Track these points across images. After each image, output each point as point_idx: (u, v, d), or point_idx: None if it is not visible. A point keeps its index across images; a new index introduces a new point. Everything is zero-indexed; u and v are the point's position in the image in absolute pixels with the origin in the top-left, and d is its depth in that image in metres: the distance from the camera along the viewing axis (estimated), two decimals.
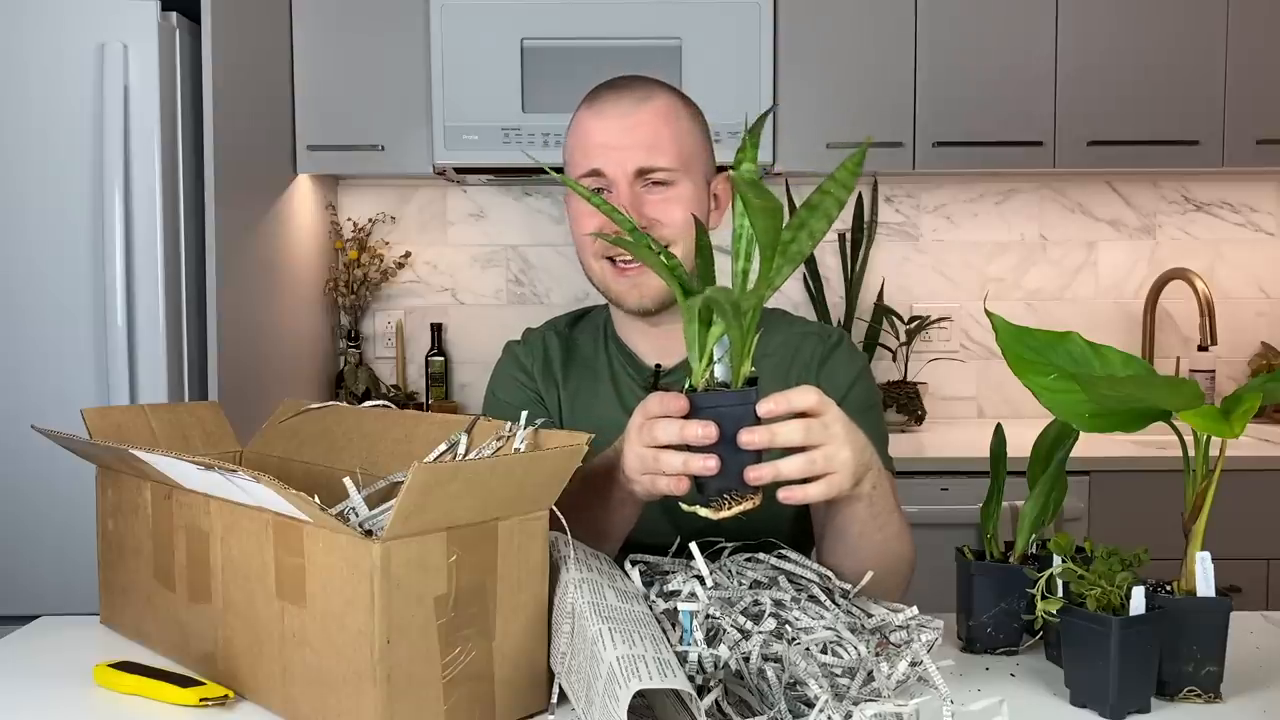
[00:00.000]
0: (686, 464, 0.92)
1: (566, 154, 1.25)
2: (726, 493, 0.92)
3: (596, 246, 1.22)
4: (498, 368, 1.36)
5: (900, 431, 2.64)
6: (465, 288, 2.92)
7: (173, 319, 2.06)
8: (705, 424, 0.91)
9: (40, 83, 2.00)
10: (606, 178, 1.19)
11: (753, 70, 2.46)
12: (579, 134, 1.22)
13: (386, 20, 2.53)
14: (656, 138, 1.19)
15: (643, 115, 1.19)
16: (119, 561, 1.14)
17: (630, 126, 1.18)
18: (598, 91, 1.24)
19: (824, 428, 0.93)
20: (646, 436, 0.95)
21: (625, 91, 1.21)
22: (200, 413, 1.27)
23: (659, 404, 0.95)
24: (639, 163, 1.18)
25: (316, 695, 0.87)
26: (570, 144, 1.24)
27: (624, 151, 1.18)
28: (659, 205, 1.19)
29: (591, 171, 1.19)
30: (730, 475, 0.91)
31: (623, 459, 1.00)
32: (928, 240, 2.90)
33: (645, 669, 0.76)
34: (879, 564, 1.08)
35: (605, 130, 1.19)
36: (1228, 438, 0.88)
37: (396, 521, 0.80)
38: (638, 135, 1.18)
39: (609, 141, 1.19)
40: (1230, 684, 0.96)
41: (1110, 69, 2.53)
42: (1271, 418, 2.75)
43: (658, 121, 1.19)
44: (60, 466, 1.48)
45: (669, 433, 0.93)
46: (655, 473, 0.95)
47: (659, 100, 1.21)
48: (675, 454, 0.94)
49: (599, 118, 1.20)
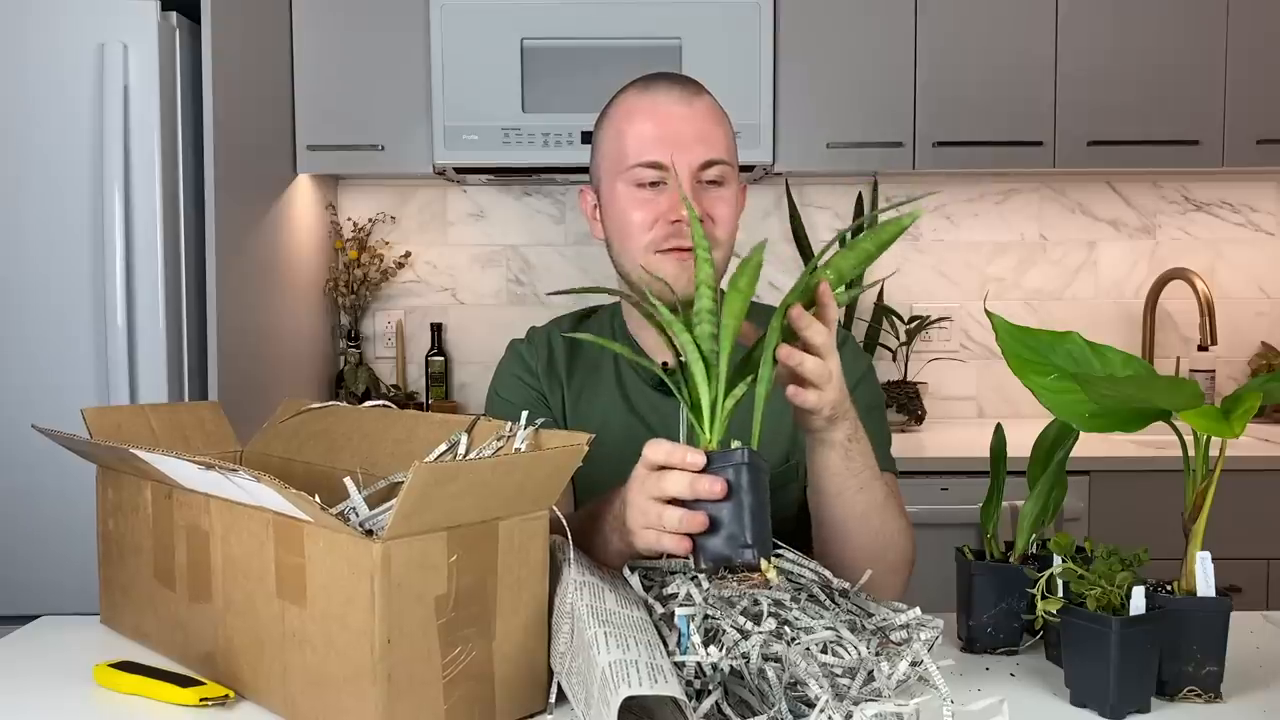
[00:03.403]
0: (682, 521, 0.90)
1: (610, 142, 1.21)
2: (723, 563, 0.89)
3: (654, 236, 1.18)
4: (501, 366, 1.35)
5: (900, 431, 2.64)
6: (465, 288, 2.92)
7: (173, 319, 2.06)
8: (716, 479, 0.89)
9: (40, 83, 2.00)
10: (667, 170, 1.16)
11: (753, 70, 2.46)
12: (634, 123, 1.19)
13: (386, 20, 2.53)
14: (714, 135, 1.18)
15: (699, 110, 1.19)
16: (119, 561, 1.14)
17: (690, 119, 1.17)
18: (648, 83, 1.21)
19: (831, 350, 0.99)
20: (652, 488, 0.93)
21: (678, 87, 1.20)
22: (200, 413, 1.27)
23: (669, 454, 0.92)
24: (704, 156, 1.17)
25: (316, 695, 0.87)
26: (619, 132, 1.20)
27: (689, 146, 1.16)
28: (714, 202, 1.18)
29: (651, 163, 1.17)
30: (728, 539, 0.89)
31: (624, 509, 0.97)
32: (928, 240, 2.90)
33: (636, 674, 0.76)
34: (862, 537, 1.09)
35: (667, 122, 1.17)
36: (1228, 438, 0.88)
37: (397, 521, 0.79)
38: (698, 130, 1.17)
39: (672, 134, 1.17)
40: (1230, 684, 0.96)
41: (1110, 69, 2.53)
42: (1271, 418, 2.75)
43: (712, 119, 1.19)
44: (60, 466, 1.48)
45: (678, 486, 0.91)
46: (657, 529, 0.93)
47: (709, 98, 1.21)
48: (675, 510, 0.91)
49: (657, 110, 1.18)
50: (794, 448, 1.28)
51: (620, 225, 1.20)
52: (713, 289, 0.99)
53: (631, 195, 1.19)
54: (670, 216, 1.16)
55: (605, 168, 1.22)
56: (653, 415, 1.27)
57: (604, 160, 1.23)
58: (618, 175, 1.20)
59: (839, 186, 2.88)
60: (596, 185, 1.26)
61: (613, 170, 1.21)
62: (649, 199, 1.18)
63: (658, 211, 1.17)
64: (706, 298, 0.98)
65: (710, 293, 0.99)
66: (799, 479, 1.29)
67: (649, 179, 1.17)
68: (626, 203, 1.19)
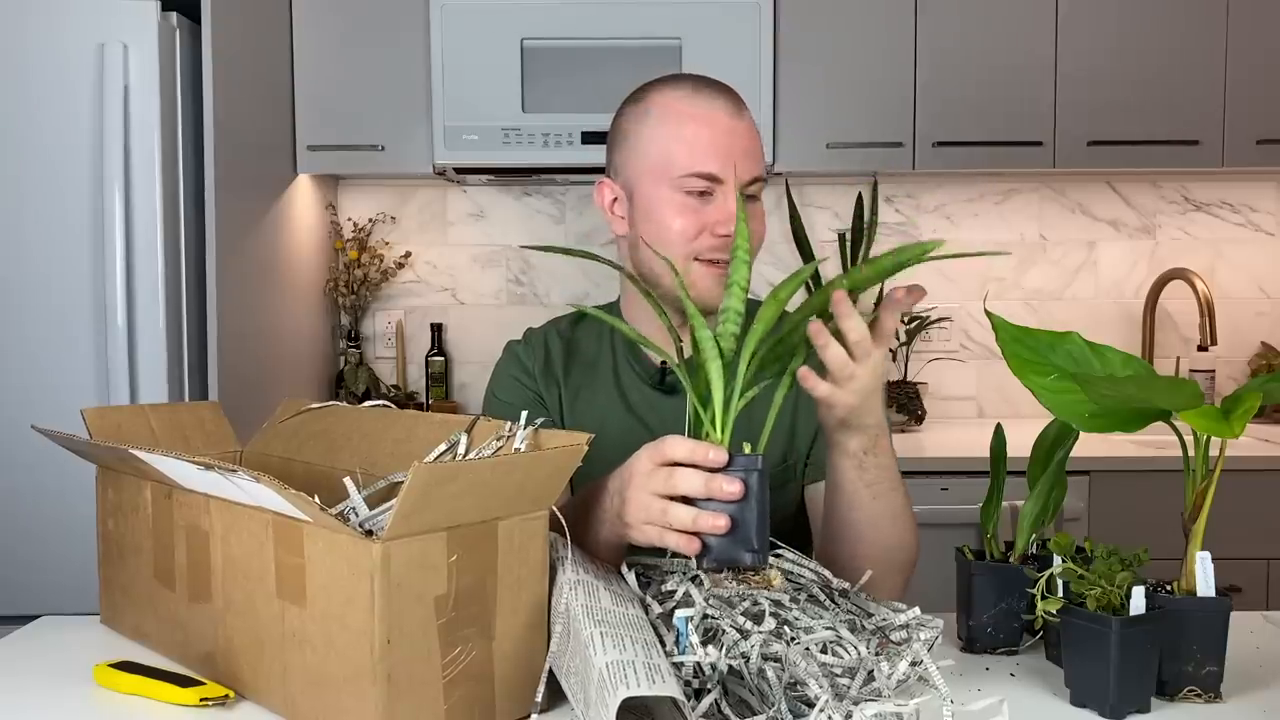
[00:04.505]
0: (696, 521, 0.89)
1: (654, 143, 1.18)
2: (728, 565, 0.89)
3: (699, 246, 1.16)
4: (498, 368, 1.35)
5: (900, 431, 2.64)
6: (465, 288, 2.92)
7: (173, 319, 2.06)
8: (733, 480, 0.88)
9: (40, 83, 2.00)
10: (722, 183, 1.15)
11: (753, 70, 2.46)
12: (687, 128, 1.16)
13: (387, 20, 2.53)
14: (757, 151, 1.18)
15: (748, 125, 1.18)
16: (119, 561, 1.14)
17: (742, 134, 1.17)
18: (696, 87, 1.18)
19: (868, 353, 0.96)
20: (660, 484, 0.92)
21: (726, 98, 1.18)
22: (200, 413, 1.27)
23: (691, 451, 0.91)
24: (751, 173, 1.16)
25: (316, 695, 0.87)
26: (665, 135, 1.17)
27: (741, 160, 1.15)
28: (749, 217, 1.16)
29: (706, 174, 1.15)
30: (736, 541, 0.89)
31: (621, 504, 0.96)
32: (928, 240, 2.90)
33: (634, 675, 0.76)
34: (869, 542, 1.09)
35: (722, 135, 1.15)
36: (1228, 438, 0.88)
37: (397, 521, 0.79)
38: (747, 146, 1.17)
39: (726, 148, 1.15)
40: (1230, 684, 0.96)
41: (1110, 69, 2.53)
42: (1271, 418, 2.75)
43: (754, 134, 1.19)
44: (60, 466, 1.48)
45: (692, 484, 0.90)
46: (662, 526, 0.92)
47: (747, 111, 1.20)
48: (686, 508, 0.90)
49: (713, 120, 1.16)
50: (792, 448, 1.28)
51: (658, 229, 1.18)
52: (744, 290, 0.99)
53: (678, 202, 1.16)
54: (718, 230, 1.15)
55: (643, 168, 1.19)
56: (651, 414, 1.27)
57: (642, 160, 1.19)
58: (663, 179, 1.17)
59: (839, 186, 2.88)
60: (625, 182, 1.22)
61: (656, 173, 1.18)
62: (696, 208, 1.16)
63: (704, 222, 1.16)
64: (737, 298, 0.98)
65: (741, 294, 0.99)
66: (797, 479, 1.29)
67: (699, 188, 1.16)
68: (670, 208, 1.17)
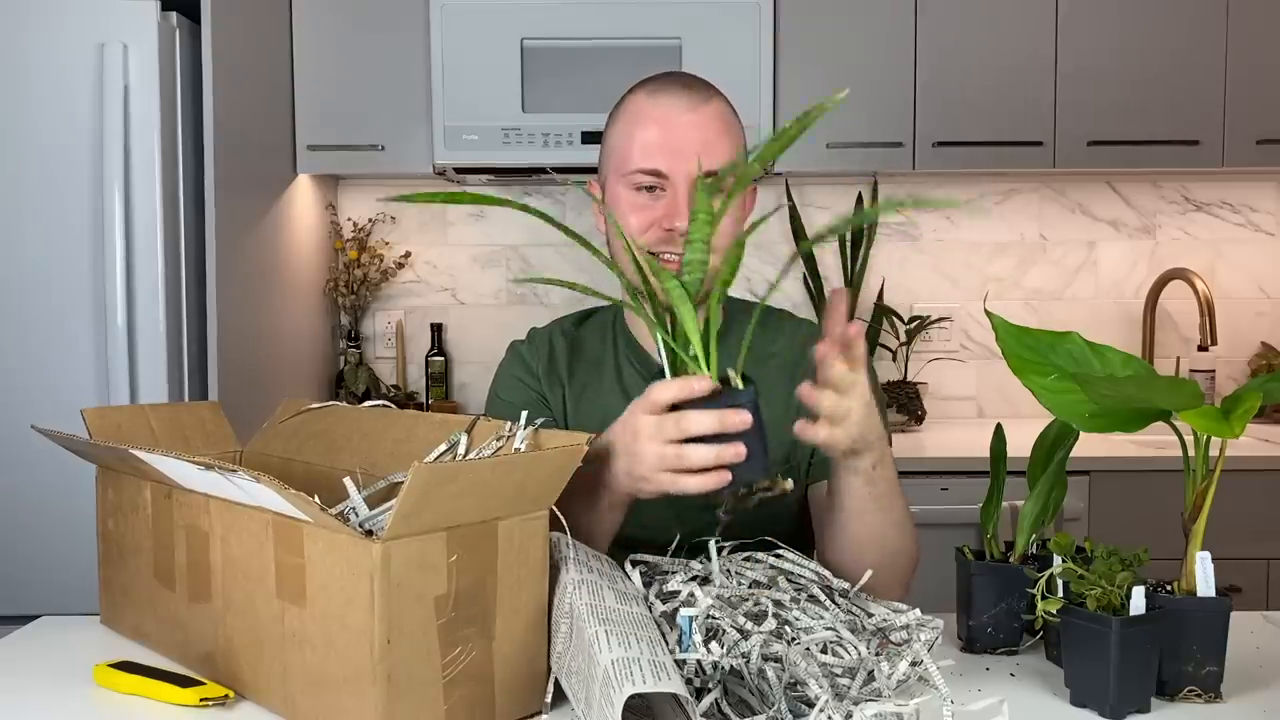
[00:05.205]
0: (720, 455, 0.91)
1: (615, 143, 1.23)
2: (750, 485, 0.92)
3: (648, 240, 1.18)
4: (501, 368, 1.35)
5: (900, 431, 2.64)
6: (465, 288, 2.92)
7: (173, 319, 2.06)
8: (742, 410, 0.90)
9: (40, 83, 2.00)
10: (667, 178, 1.17)
11: (753, 70, 2.46)
12: (638, 128, 1.20)
13: (386, 20, 2.52)
14: (718, 143, 1.18)
15: (705, 117, 1.18)
16: (119, 561, 1.14)
17: (696, 126, 1.18)
18: (658, 86, 1.21)
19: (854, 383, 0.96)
20: (671, 429, 0.93)
21: (687, 92, 1.20)
22: (200, 413, 1.27)
23: (680, 389, 0.92)
24: (704, 166, 1.15)
25: (316, 695, 0.87)
26: (623, 134, 1.21)
27: (691, 155, 1.16)
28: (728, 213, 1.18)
29: (650, 170, 1.18)
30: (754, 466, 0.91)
31: (630, 460, 0.97)
32: (928, 240, 2.90)
33: (640, 672, 0.76)
34: (876, 553, 1.09)
35: (672, 130, 1.18)
36: (1228, 438, 0.88)
37: (396, 521, 0.79)
38: (703, 138, 1.17)
39: (675, 142, 1.17)
40: (1230, 684, 0.96)
41: (1110, 69, 2.53)
42: (1271, 418, 2.75)
43: (717, 127, 1.19)
44: (60, 466, 1.48)
45: (704, 423, 0.91)
46: (679, 470, 0.93)
47: (718, 104, 1.21)
48: (703, 447, 0.91)
49: (662, 116, 1.18)
50: (794, 449, 1.28)
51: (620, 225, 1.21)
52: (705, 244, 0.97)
53: (629, 198, 1.20)
54: (665, 224, 1.18)
55: (610, 167, 1.24)
56: None
57: (610, 158, 1.24)
58: (620, 176, 1.22)
59: (839, 186, 2.88)
60: (601, 181, 1.27)
61: (615, 170, 1.23)
62: (646, 204, 1.19)
63: (653, 217, 1.19)
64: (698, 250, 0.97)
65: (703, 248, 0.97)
66: (801, 479, 1.29)
67: (648, 184, 1.19)
68: (625, 205, 1.21)
